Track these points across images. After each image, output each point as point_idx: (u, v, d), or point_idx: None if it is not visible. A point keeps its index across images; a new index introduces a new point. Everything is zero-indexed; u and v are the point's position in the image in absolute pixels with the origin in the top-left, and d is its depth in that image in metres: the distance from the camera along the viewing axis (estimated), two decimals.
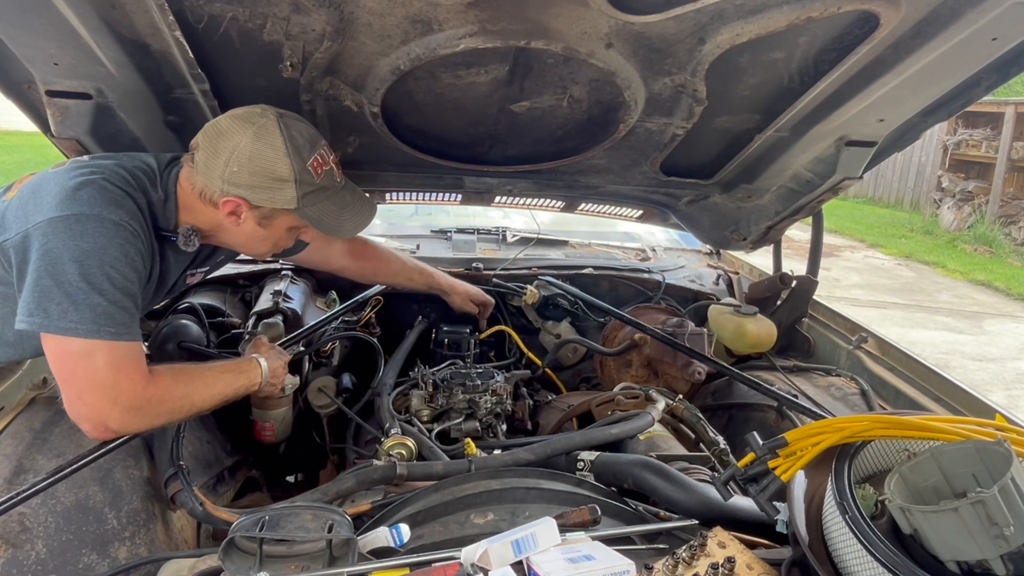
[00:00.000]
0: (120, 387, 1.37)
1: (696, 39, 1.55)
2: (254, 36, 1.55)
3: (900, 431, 1.15)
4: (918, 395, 2.06)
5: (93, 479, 1.51)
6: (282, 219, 1.59)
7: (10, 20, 1.42)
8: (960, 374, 5.58)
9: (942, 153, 12.96)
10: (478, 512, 1.34)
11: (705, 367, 2.29)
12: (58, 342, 1.35)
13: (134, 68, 1.61)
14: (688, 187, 2.44)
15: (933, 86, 1.69)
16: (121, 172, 1.48)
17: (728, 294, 2.92)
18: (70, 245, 1.34)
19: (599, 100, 1.86)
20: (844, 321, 2.51)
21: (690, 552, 1.10)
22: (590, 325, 2.73)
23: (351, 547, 1.14)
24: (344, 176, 1.65)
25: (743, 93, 1.82)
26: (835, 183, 2.07)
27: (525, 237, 3.18)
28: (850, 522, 1.02)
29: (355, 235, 1.69)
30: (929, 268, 10.23)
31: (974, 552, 0.94)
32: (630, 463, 1.54)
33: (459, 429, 1.95)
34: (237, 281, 2.53)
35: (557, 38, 1.53)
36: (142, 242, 1.46)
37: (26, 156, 13.29)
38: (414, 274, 2.35)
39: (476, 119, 1.96)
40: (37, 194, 1.42)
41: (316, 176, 1.54)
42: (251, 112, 1.51)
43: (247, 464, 2.02)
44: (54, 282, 1.33)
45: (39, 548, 1.36)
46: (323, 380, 2.15)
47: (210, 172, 1.49)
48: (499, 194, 2.59)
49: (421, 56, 1.57)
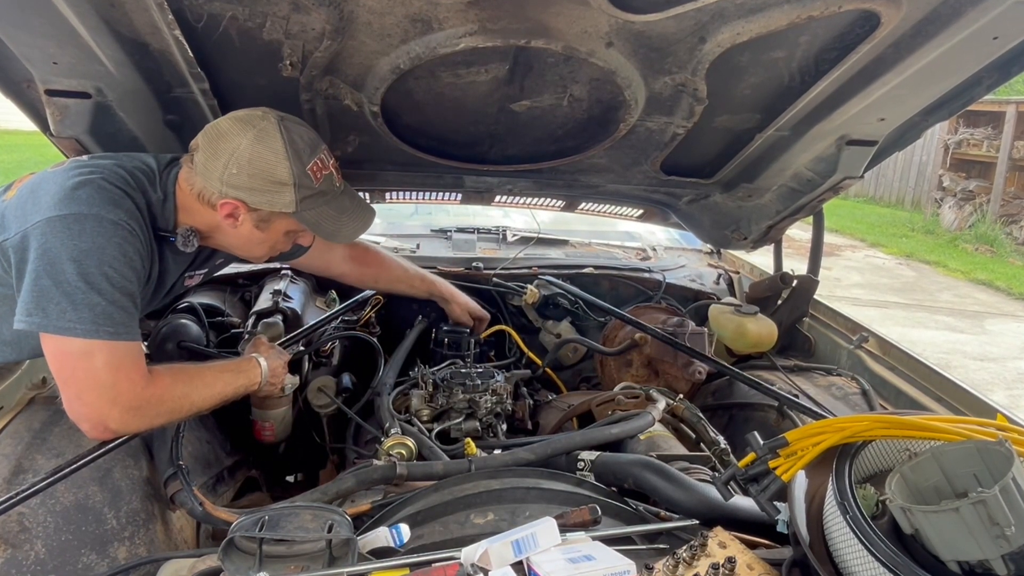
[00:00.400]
0: (119, 387, 1.37)
1: (697, 38, 1.55)
2: (254, 35, 1.55)
3: (901, 431, 1.15)
4: (919, 395, 2.06)
5: (92, 479, 1.50)
6: (280, 223, 1.59)
7: (9, 19, 1.42)
8: (961, 374, 5.58)
9: (943, 152, 12.95)
10: (478, 512, 1.34)
11: (706, 367, 2.28)
12: (57, 342, 1.35)
13: (133, 67, 1.61)
14: (689, 186, 2.44)
15: (934, 85, 1.69)
16: (120, 172, 1.48)
17: (729, 293, 2.92)
18: (68, 245, 1.34)
19: (599, 99, 1.86)
20: (845, 321, 2.51)
21: (691, 552, 1.10)
22: (590, 325, 2.73)
23: (351, 547, 1.14)
24: (344, 181, 1.65)
25: (744, 92, 1.81)
26: (836, 182, 2.06)
27: (525, 236, 3.18)
28: (851, 522, 1.02)
29: (353, 240, 1.69)
30: (930, 267, 10.22)
31: (975, 552, 0.94)
32: (630, 463, 1.54)
33: (459, 429, 1.95)
34: (237, 280, 2.53)
35: (557, 37, 1.52)
36: (141, 242, 1.45)
37: (26, 156, 13.30)
38: (416, 281, 2.35)
39: (476, 118, 1.96)
40: (36, 194, 1.42)
41: (315, 180, 1.54)
42: (252, 114, 1.51)
43: (247, 464, 2.01)
44: (52, 282, 1.33)
45: (38, 548, 1.35)
46: (323, 380, 2.14)
47: (209, 173, 1.49)
48: (499, 193, 2.58)
49: (421, 55, 1.57)
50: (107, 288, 1.36)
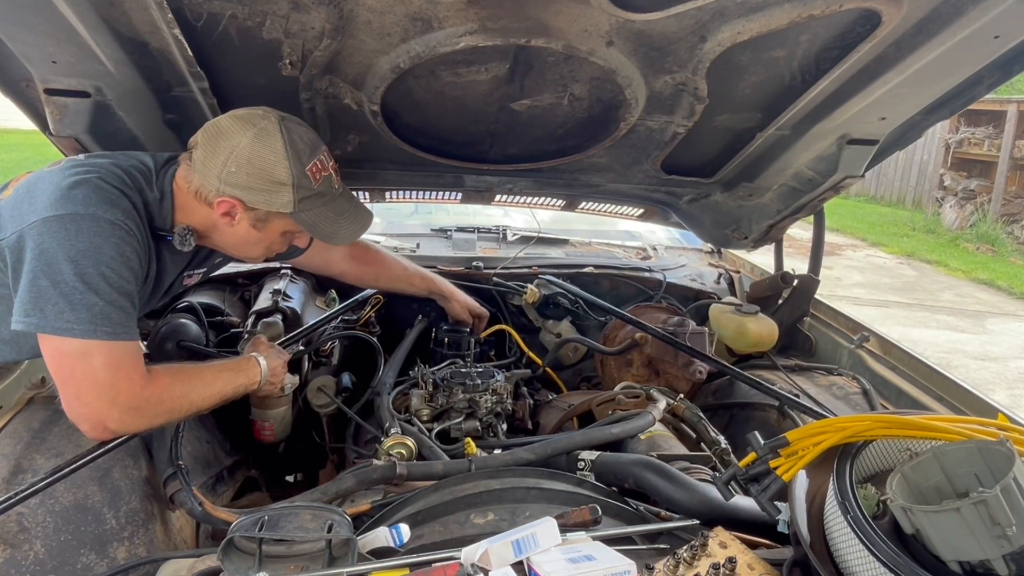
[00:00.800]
0: (118, 387, 1.37)
1: (697, 37, 1.55)
2: (253, 34, 1.54)
3: (902, 431, 1.15)
4: (920, 394, 2.05)
5: (92, 479, 1.50)
6: (277, 223, 1.58)
7: (8, 18, 1.41)
8: (962, 373, 5.58)
9: (944, 151, 12.95)
10: (478, 512, 1.34)
11: (706, 366, 2.28)
12: (55, 343, 1.35)
13: (133, 66, 1.61)
14: (689, 185, 2.44)
15: (935, 84, 1.69)
16: (117, 171, 1.47)
17: (729, 293, 2.92)
18: (65, 245, 1.33)
19: (600, 98, 1.86)
20: (846, 320, 2.51)
21: (691, 552, 1.10)
22: (591, 324, 2.73)
23: (351, 547, 1.14)
24: (343, 183, 1.65)
25: (744, 91, 1.81)
26: (837, 181, 2.06)
27: (525, 236, 3.18)
28: (852, 522, 1.02)
29: (349, 242, 1.69)
30: (931, 267, 10.22)
31: (976, 552, 0.93)
32: (631, 463, 1.54)
33: (459, 429, 1.95)
34: (236, 280, 2.53)
35: (558, 36, 1.52)
36: (138, 241, 1.45)
37: (24, 155, 13.31)
38: (415, 279, 2.35)
39: (476, 117, 1.96)
40: (32, 193, 1.41)
41: (314, 181, 1.53)
42: (253, 113, 1.50)
43: (246, 464, 2.01)
44: (50, 282, 1.32)
45: (37, 548, 1.35)
46: (323, 379, 2.14)
47: (207, 171, 1.49)
48: (499, 192, 2.58)
49: (421, 54, 1.56)
50: (105, 288, 1.35)
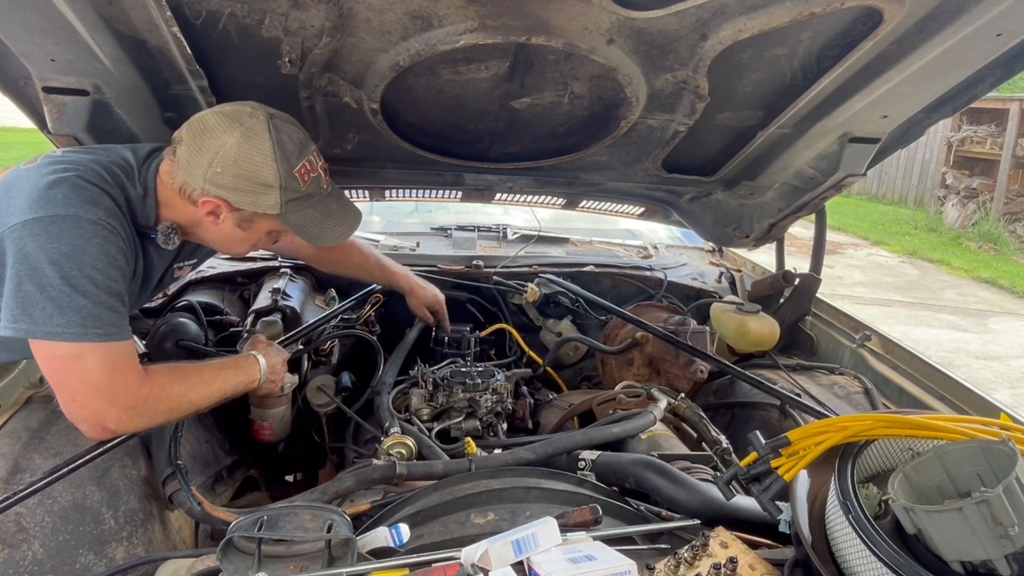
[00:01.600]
0: (115, 387, 1.36)
1: (698, 35, 1.54)
2: (252, 32, 1.54)
3: (904, 430, 1.14)
4: (922, 394, 2.05)
5: (90, 479, 1.50)
6: (262, 223, 1.55)
7: (7, 16, 1.41)
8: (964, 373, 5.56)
9: (946, 150, 12.93)
10: (478, 512, 1.34)
11: (707, 365, 2.28)
12: (47, 347, 1.32)
13: (131, 64, 1.60)
14: (690, 184, 2.43)
15: (937, 82, 1.68)
16: (96, 168, 1.43)
17: (731, 292, 2.91)
18: (47, 248, 1.30)
19: (600, 96, 1.85)
20: (847, 319, 2.50)
21: (692, 552, 1.10)
22: (591, 323, 2.73)
23: (350, 547, 1.14)
24: (332, 183, 1.61)
25: (745, 89, 1.81)
26: (838, 180, 2.06)
27: (526, 234, 3.18)
28: (853, 522, 1.01)
29: (336, 244, 1.65)
30: (933, 266, 10.21)
31: (978, 552, 0.93)
32: (632, 462, 1.54)
33: (459, 428, 1.95)
34: (235, 279, 2.53)
35: (558, 34, 1.51)
36: (122, 239, 1.41)
37: (23, 153, 13.23)
38: (375, 269, 2.31)
39: (476, 116, 1.95)
40: (9, 194, 1.37)
41: (302, 183, 1.49)
42: (240, 111, 1.45)
43: (246, 463, 2.01)
44: (36, 287, 1.29)
45: (36, 548, 1.35)
46: (322, 379, 2.14)
47: (192, 169, 1.44)
48: (500, 191, 2.58)
49: (421, 52, 1.56)
50: (92, 290, 1.32)
